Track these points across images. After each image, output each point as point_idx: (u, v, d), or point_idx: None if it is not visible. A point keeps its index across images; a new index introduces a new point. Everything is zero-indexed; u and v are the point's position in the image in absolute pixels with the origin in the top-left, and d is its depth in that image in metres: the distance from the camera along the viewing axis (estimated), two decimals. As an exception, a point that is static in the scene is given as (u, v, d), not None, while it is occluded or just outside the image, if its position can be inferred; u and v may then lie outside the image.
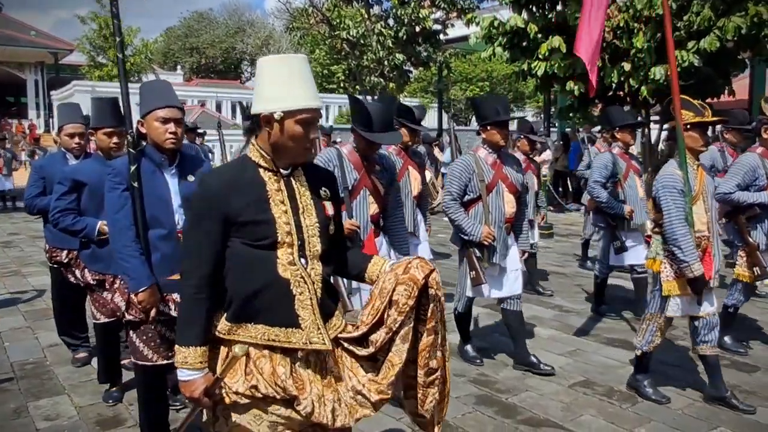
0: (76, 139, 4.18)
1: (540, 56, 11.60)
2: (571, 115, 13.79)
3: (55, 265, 4.34)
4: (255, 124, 1.95)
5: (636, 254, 5.43)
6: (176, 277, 2.66)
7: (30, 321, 5.68)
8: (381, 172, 3.81)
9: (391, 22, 17.21)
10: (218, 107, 32.79)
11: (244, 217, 1.88)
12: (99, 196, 3.44)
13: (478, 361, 4.53)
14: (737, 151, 6.27)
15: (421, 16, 16.09)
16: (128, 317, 2.87)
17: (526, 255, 4.58)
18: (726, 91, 10.91)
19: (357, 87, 17.77)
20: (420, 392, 2.09)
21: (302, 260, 1.95)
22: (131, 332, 2.91)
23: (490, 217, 4.13)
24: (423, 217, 5.08)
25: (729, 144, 6.47)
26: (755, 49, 10.14)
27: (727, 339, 4.74)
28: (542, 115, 19.80)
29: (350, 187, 3.63)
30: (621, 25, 10.58)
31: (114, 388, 3.98)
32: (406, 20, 16.34)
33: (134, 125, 2.90)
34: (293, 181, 2.01)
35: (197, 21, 46.70)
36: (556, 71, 11.48)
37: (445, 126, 20.19)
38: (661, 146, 7.60)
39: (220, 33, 46.03)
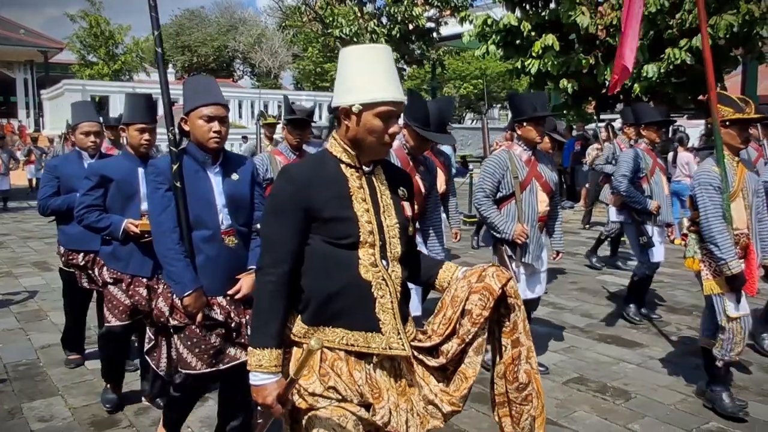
0: (92, 138, 4.07)
1: (533, 54, 11.67)
2: (564, 112, 13.87)
3: (71, 269, 4.16)
4: (335, 117, 1.89)
5: (658, 252, 5.32)
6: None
7: (22, 322, 5.63)
8: (425, 173, 3.65)
9: (384, 20, 17.20)
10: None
11: (327, 212, 1.80)
12: (126, 192, 3.42)
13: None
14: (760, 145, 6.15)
15: (414, 14, 16.10)
16: (173, 322, 2.73)
17: (561, 256, 4.41)
18: (718, 89, 11.00)
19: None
20: (514, 409, 1.99)
21: (383, 262, 1.85)
22: (174, 337, 2.77)
23: (523, 216, 3.99)
24: (447, 217, 4.97)
25: (753, 138, 6.30)
26: (747, 47, 10.24)
27: None
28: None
29: None
30: (614, 23, 10.65)
31: (113, 393, 3.89)
32: (399, 18, 16.35)
33: (175, 122, 2.80)
34: (374, 179, 1.92)
35: (189, 19, 46.50)
36: (549, 69, 11.56)
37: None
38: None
39: (211, 31, 45.86)
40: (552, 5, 11.77)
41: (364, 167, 1.89)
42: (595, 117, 14.96)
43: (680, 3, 9.89)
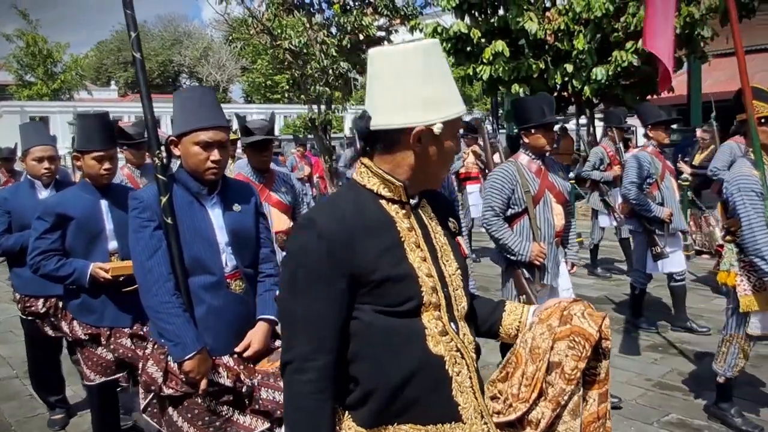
0: (46, 164, 3.57)
1: (484, 60, 11.80)
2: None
3: (30, 317, 3.66)
4: (387, 140, 1.39)
5: (676, 261, 4.99)
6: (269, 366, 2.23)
7: (-32, 359, 5.28)
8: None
9: (333, 30, 17.13)
10: (157, 122, 31.99)
11: (380, 272, 1.33)
12: (90, 231, 2.96)
13: None
14: None
15: (364, 23, 16.06)
16: (167, 391, 2.22)
17: (575, 269, 4.00)
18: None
19: (302, 96, 17.64)
20: None
21: (452, 325, 1.41)
22: (170, 408, 2.26)
23: (539, 233, 3.58)
24: None
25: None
26: (690, 47, 10.63)
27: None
28: (490, 118, 20.11)
29: None
30: (561, 27, 10.88)
31: (60, 416, 3.77)
32: (349, 28, 16.28)
33: (149, 141, 2.38)
34: (422, 215, 1.46)
35: (131, 34, 45.41)
36: (500, 74, 11.71)
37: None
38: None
39: (155, 45, 45.02)
40: (501, 12, 11.94)
41: (410, 200, 1.44)
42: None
43: (624, 7, 10.18)
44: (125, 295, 2.87)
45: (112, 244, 2.99)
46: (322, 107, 15.83)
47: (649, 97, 11.25)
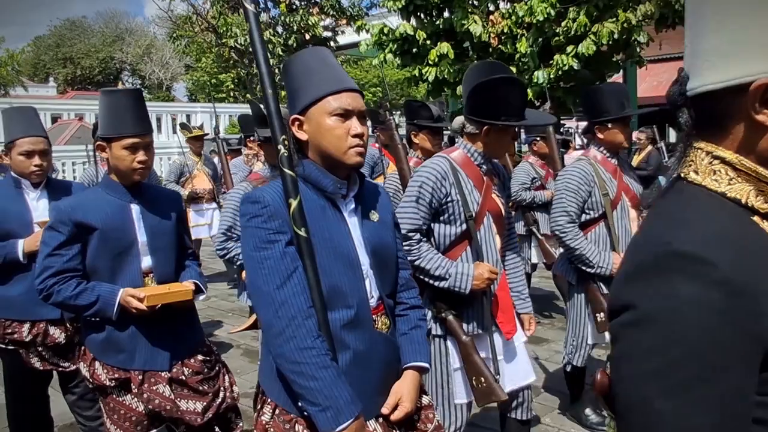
0: (36, 160, 2.84)
1: (430, 62, 11.89)
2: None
3: (11, 346, 2.90)
4: (711, 112, 0.87)
5: None
6: None
7: None
8: (500, 187, 2.63)
9: (279, 29, 16.95)
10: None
11: None
12: (116, 246, 2.28)
13: (602, 427, 3.46)
14: None
15: (310, 23, 15.98)
16: None
17: None
18: (603, 92, 11.72)
19: (247, 95, 17.39)
20: None
21: None
22: None
23: (618, 243, 3.11)
24: None
25: None
26: (627, 52, 10.99)
27: None
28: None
29: (474, 215, 2.44)
30: (505, 30, 11.06)
31: None
32: (295, 27, 16.16)
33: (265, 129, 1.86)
34: None
35: (69, 29, 43.86)
36: (446, 76, 11.81)
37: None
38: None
39: (96, 42, 43.52)
40: (446, 14, 12.06)
41: None
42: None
43: (565, 12, 10.43)
44: (162, 328, 2.33)
45: (146, 261, 2.36)
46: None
47: (588, 100, 11.56)
